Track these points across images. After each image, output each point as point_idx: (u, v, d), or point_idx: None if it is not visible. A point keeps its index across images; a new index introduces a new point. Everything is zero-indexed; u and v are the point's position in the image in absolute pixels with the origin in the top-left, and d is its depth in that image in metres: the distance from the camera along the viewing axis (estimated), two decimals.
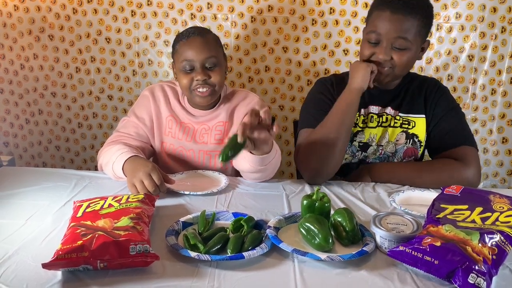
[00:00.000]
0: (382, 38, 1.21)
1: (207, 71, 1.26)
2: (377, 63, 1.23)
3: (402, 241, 0.81)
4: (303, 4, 1.74)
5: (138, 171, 1.08)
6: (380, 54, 1.22)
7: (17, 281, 0.74)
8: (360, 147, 1.33)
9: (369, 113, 1.33)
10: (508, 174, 1.87)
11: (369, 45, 1.24)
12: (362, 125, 1.33)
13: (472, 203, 0.88)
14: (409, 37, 1.19)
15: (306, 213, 0.92)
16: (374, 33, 1.22)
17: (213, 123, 1.36)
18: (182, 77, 1.28)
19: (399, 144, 1.33)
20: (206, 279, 0.76)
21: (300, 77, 1.83)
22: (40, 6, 1.79)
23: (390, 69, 1.24)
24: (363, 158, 1.34)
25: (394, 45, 1.20)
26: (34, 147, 1.97)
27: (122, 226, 0.82)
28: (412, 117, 1.33)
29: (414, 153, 1.34)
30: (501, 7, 1.70)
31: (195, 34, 1.27)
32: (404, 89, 1.35)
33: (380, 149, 1.33)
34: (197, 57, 1.25)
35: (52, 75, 1.87)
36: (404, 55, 1.21)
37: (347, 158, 1.34)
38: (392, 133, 1.33)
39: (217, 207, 1.06)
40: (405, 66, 1.25)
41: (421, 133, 1.33)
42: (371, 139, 1.33)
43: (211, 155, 1.35)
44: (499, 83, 1.78)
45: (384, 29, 1.20)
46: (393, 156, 1.34)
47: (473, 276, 0.71)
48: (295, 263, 0.81)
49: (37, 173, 1.27)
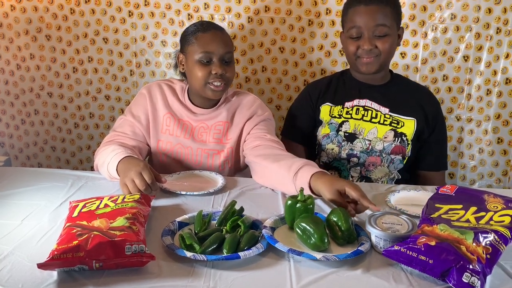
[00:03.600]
0: (363, 30, 1.31)
1: (224, 66, 1.27)
2: (363, 55, 1.33)
3: (397, 240, 0.82)
4: (299, 5, 1.74)
5: (130, 171, 1.07)
6: (364, 45, 1.31)
7: (13, 281, 0.74)
8: (346, 137, 1.38)
9: (353, 106, 1.40)
10: (503, 174, 1.88)
11: (352, 41, 1.34)
12: (346, 116, 1.40)
13: (466, 203, 0.88)
14: (387, 24, 1.30)
15: (288, 214, 0.93)
16: (354, 27, 1.32)
17: (213, 122, 1.36)
18: (198, 69, 1.26)
19: (387, 141, 1.37)
20: (202, 279, 0.76)
21: (296, 77, 1.83)
22: (37, 6, 1.78)
23: (376, 57, 1.33)
24: (351, 152, 1.38)
25: (375, 33, 1.30)
26: (29, 147, 1.97)
27: (117, 226, 0.82)
28: (402, 118, 1.39)
29: (402, 151, 1.38)
30: (496, 8, 1.71)
31: (216, 29, 1.30)
32: (395, 89, 1.42)
33: (367, 143, 1.37)
34: (217, 50, 1.26)
35: (49, 75, 1.87)
36: (386, 42, 1.31)
37: (334, 149, 1.39)
38: (380, 130, 1.37)
39: (213, 207, 1.06)
40: (389, 52, 1.35)
41: (409, 132, 1.38)
42: (357, 131, 1.38)
43: (209, 154, 1.35)
44: (494, 83, 1.79)
45: (363, 21, 1.30)
46: (381, 153, 1.38)
47: (467, 275, 0.72)
48: (291, 263, 0.82)
49: (33, 173, 1.27)
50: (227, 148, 1.35)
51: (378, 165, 1.38)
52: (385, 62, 1.36)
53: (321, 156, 1.43)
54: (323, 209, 1.05)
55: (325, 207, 1.06)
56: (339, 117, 1.39)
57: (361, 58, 1.34)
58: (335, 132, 1.39)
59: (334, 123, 1.40)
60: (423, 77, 1.80)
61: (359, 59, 1.35)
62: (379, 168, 1.38)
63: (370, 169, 1.38)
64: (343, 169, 1.40)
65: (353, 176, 1.40)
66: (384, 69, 1.40)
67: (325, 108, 1.43)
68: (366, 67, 1.35)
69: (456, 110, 1.84)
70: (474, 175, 1.91)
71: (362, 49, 1.31)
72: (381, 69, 1.38)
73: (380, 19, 1.29)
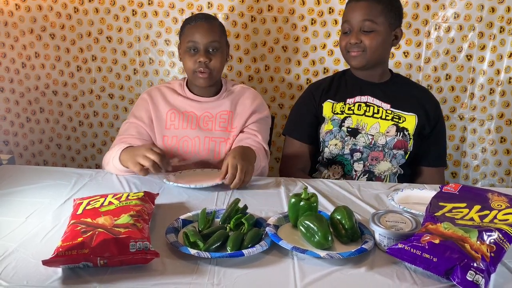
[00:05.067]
0: (352, 25, 1.36)
1: (209, 55, 1.33)
2: (350, 48, 1.37)
3: (401, 238, 0.82)
4: (302, 4, 1.75)
5: (138, 151, 1.15)
6: (351, 39, 1.35)
7: (18, 278, 0.74)
8: (348, 132, 1.40)
9: (355, 102, 1.42)
10: (506, 174, 1.88)
11: (344, 36, 1.40)
12: (349, 112, 1.41)
13: (470, 201, 0.88)
14: (374, 20, 1.33)
15: (292, 212, 0.93)
16: (345, 23, 1.38)
17: (217, 111, 1.40)
18: (187, 59, 1.35)
19: (389, 136, 1.39)
20: (206, 276, 0.76)
21: (299, 76, 1.83)
22: (42, 5, 1.79)
23: (363, 52, 1.36)
24: (354, 147, 1.39)
25: (362, 28, 1.34)
26: (35, 145, 1.98)
27: (122, 224, 0.82)
28: (403, 113, 1.41)
29: (404, 146, 1.40)
30: (499, 7, 1.70)
31: (202, 19, 1.36)
32: (395, 87, 1.45)
33: (370, 138, 1.38)
34: (201, 40, 1.33)
35: (53, 73, 1.88)
36: (373, 38, 1.34)
37: (337, 145, 1.40)
38: (383, 124, 1.39)
39: (217, 205, 1.06)
40: (376, 49, 1.36)
41: (411, 127, 1.40)
42: (359, 126, 1.40)
43: (216, 142, 1.38)
44: (498, 82, 1.79)
45: (352, 16, 1.35)
46: (383, 147, 1.39)
47: (472, 273, 0.71)
48: (295, 261, 0.82)
49: (37, 171, 1.27)
50: (232, 136, 1.40)
51: (381, 159, 1.39)
52: (372, 58, 1.37)
53: (324, 152, 1.44)
54: (327, 207, 1.06)
55: (329, 205, 1.06)
56: (341, 113, 1.41)
57: (350, 52, 1.39)
58: (338, 128, 1.40)
59: (336, 119, 1.42)
60: (426, 76, 1.80)
61: (348, 53, 1.39)
62: (382, 163, 1.40)
63: (373, 164, 1.40)
64: (347, 163, 1.41)
65: (357, 171, 1.41)
66: (379, 66, 1.43)
67: (327, 104, 1.44)
68: (354, 61, 1.39)
69: (459, 109, 1.84)
70: (477, 174, 1.91)
71: (349, 43, 1.36)
72: (371, 65, 1.40)
73: (368, 15, 1.33)
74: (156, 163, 1.12)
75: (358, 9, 1.34)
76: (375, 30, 1.34)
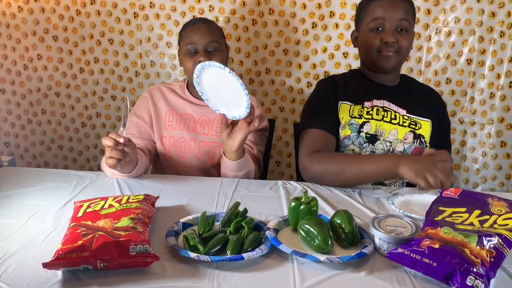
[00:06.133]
0: (385, 23, 1.28)
1: (209, 55, 1.34)
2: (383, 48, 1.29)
3: (401, 243, 0.82)
4: (303, 8, 1.75)
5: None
6: (387, 37, 1.27)
7: (18, 281, 0.74)
8: (367, 138, 1.32)
9: (373, 106, 1.35)
10: (506, 178, 1.88)
11: (374, 34, 1.30)
12: (367, 116, 1.33)
13: (470, 206, 0.88)
14: (409, 20, 1.29)
15: (292, 215, 0.93)
16: (378, 19, 1.28)
17: (215, 116, 1.40)
18: (187, 61, 1.35)
19: (407, 143, 1.34)
20: (206, 280, 0.76)
21: (300, 79, 1.84)
22: (44, 7, 1.80)
23: (395, 53, 1.30)
24: (371, 153, 1.33)
25: (398, 27, 1.28)
26: (36, 147, 1.98)
27: (122, 227, 0.82)
28: (419, 119, 1.36)
29: (421, 153, 1.34)
30: (500, 11, 1.71)
31: (200, 22, 1.38)
32: (407, 90, 1.40)
33: (388, 145, 1.33)
34: (200, 41, 1.34)
35: (56, 75, 1.88)
36: (406, 39, 1.29)
37: (354, 150, 1.33)
38: (400, 131, 1.34)
39: (217, 209, 1.06)
40: (407, 51, 1.32)
41: (426, 134, 1.36)
42: (378, 132, 1.33)
43: (211, 146, 1.39)
44: (498, 87, 1.79)
45: (387, 14, 1.27)
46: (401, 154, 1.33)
47: (471, 278, 0.71)
48: (295, 265, 0.82)
49: (38, 173, 1.27)
50: None
51: None
52: (403, 60, 1.34)
53: None
54: (327, 211, 1.06)
55: (329, 209, 1.06)
56: (360, 117, 1.33)
57: (382, 52, 1.30)
58: (357, 134, 1.32)
59: (354, 123, 1.33)
60: (427, 80, 1.80)
61: (379, 53, 1.31)
62: None
63: None
64: None
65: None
66: (398, 70, 1.40)
67: (345, 106, 1.35)
68: (386, 62, 1.30)
69: (459, 113, 1.85)
70: (477, 178, 1.91)
71: (384, 42, 1.27)
72: (398, 68, 1.37)
73: (404, 14, 1.28)
74: (114, 147, 1.07)
75: (395, 7, 1.27)
76: (408, 30, 1.29)
